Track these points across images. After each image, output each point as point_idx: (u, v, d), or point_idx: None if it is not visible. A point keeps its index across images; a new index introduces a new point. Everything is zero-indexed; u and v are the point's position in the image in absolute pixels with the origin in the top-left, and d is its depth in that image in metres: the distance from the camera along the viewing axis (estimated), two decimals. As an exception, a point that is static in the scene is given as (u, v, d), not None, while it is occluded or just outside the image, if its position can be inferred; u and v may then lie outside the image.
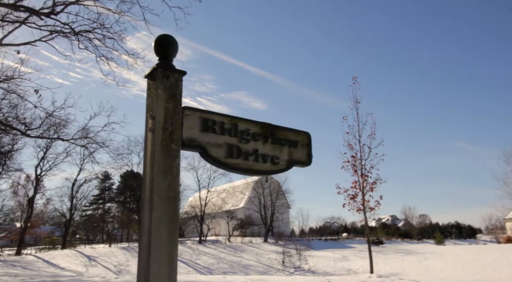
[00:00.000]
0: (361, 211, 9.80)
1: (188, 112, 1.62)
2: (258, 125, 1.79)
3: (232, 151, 1.68)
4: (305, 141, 1.92)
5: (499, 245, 38.50)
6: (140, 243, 1.42)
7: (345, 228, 62.52)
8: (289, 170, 1.83)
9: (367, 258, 30.50)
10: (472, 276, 18.11)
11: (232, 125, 1.72)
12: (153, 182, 1.40)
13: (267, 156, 1.77)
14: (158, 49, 1.65)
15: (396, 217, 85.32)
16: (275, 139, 1.81)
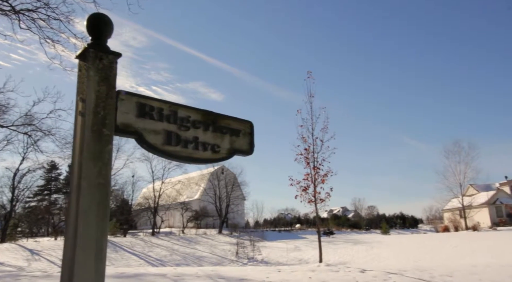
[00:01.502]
0: (312, 202, 10.08)
1: (123, 97, 1.54)
2: (199, 113, 1.76)
3: (170, 138, 1.63)
4: (248, 130, 1.92)
5: (437, 234, 41.43)
6: (66, 232, 1.35)
7: (299, 219, 64.19)
8: (230, 158, 1.82)
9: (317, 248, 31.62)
10: (413, 262, 19.35)
11: (172, 112, 1.67)
12: (81, 168, 1.32)
13: (208, 144, 1.75)
14: (90, 29, 1.55)
15: (347, 209, 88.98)
16: (216, 128, 1.79)
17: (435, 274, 8.64)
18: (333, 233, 46.00)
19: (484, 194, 46.23)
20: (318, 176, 9.94)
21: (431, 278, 8.20)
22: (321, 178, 9.92)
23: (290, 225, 60.27)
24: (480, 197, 46.21)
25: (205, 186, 46.73)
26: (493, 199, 43.75)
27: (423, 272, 8.76)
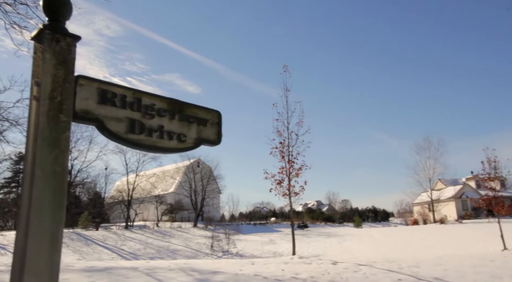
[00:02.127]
0: (286, 195, 10.16)
1: (83, 82, 1.47)
2: (165, 101, 1.70)
3: (134, 126, 1.57)
4: (215, 120, 1.88)
5: (407, 227, 42.80)
6: (19, 221, 1.28)
7: (274, 213, 64.71)
8: (197, 148, 1.78)
9: (291, 241, 32.01)
10: (383, 254, 19.93)
11: (135, 99, 1.61)
12: (35, 155, 1.25)
13: (174, 133, 1.70)
14: (46, 9, 1.46)
15: (321, 202, 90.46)
16: (183, 116, 1.74)
17: (403, 265, 8.92)
18: (307, 226, 46.64)
19: (451, 188, 48.08)
20: (293, 170, 10.02)
21: (400, 269, 8.46)
22: (296, 171, 10.00)
23: (266, 218, 60.65)
24: (448, 191, 48.03)
25: (181, 179, 46.31)
26: (459, 193, 45.57)
27: (392, 263, 9.03)
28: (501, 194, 15.50)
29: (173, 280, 6.11)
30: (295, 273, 7.31)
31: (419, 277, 7.74)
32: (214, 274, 6.78)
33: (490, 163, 15.23)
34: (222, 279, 6.43)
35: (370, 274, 7.67)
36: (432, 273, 8.19)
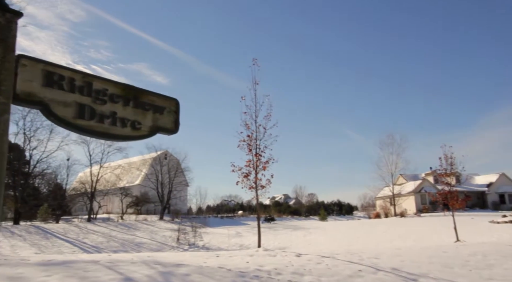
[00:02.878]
0: (253, 188, 10.19)
1: (26, 62, 1.35)
2: (119, 87, 1.60)
3: (83, 111, 1.47)
4: (173, 108, 1.81)
5: (369, 220, 44.31)
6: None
7: (241, 206, 64.98)
8: (153, 136, 1.71)
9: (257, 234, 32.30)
10: (346, 246, 20.54)
11: (85, 83, 1.50)
12: (-30, 138, 1.16)
13: (127, 120, 1.62)
14: (-16, -18, 1.35)
15: (288, 196, 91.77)
16: (138, 103, 1.67)
17: (364, 256, 9.23)
18: (274, 219, 47.22)
19: (412, 183, 50.20)
20: (260, 163, 10.05)
21: (360, 260, 8.74)
22: (263, 164, 10.05)
23: (233, 211, 60.81)
24: (408, 186, 50.12)
25: (147, 171, 45.41)
26: (419, 187, 47.67)
27: (353, 255, 9.32)
28: (456, 189, 16.36)
29: (135, 273, 6.00)
30: (260, 265, 7.38)
31: (378, 267, 8.03)
32: (178, 266, 6.72)
33: (447, 159, 16.03)
34: (186, 271, 6.38)
35: (332, 265, 7.87)
36: (390, 264, 8.53)
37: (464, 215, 34.47)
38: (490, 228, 24.92)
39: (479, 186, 49.70)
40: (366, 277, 7.16)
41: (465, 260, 9.68)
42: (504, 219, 28.10)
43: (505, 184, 48.97)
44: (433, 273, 8.10)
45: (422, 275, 7.83)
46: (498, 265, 9.52)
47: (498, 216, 31.13)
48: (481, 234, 22.09)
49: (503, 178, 49.38)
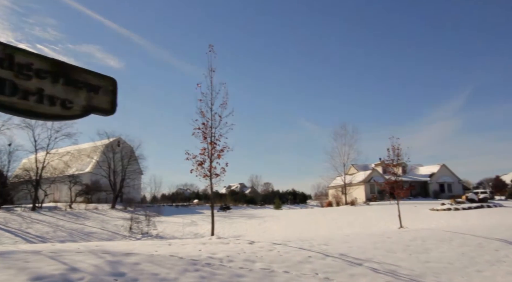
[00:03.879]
0: (207, 177, 10.11)
1: None
2: (47, 62, 1.45)
3: (4, 86, 1.31)
4: (110, 87, 1.69)
5: (322, 208, 45.86)
6: None
7: (197, 195, 64.55)
8: (86, 116, 1.59)
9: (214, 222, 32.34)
10: (299, 234, 21.14)
11: (6, 55, 1.34)
12: None
13: (57, 98, 1.48)
14: None
15: (244, 185, 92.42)
16: (70, 81, 1.52)
17: (314, 243, 9.53)
18: (230, 208, 47.46)
19: (362, 173, 52.50)
20: (215, 151, 9.98)
21: (311, 246, 9.02)
22: (218, 153, 9.99)
23: (189, 200, 60.30)
24: (359, 175, 52.37)
25: (99, 159, 43.57)
26: (368, 177, 49.94)
27: (304, 242, 9.59)
28: (401, 179, 17.30)
29: (81, 263, 5.75)
30: (212, 253, 7.37)
31: (327, 253, 8.34)
32: (127, 255, 6.54)
33: (394, 150, 16.88)
34: (136, 260, 6.22)
35: (284, 252, 8.05)
36: (338, 250, 8.89)
37: (408, 203, 36.69)
38: (430, 215, 26.76)
39: (422, 176, 53.02)
40: (315, 262, 7.41)
41: (406, 245, 10.32)
42: (443, 207, 30.29)
43: (445, 174, 52.67)
44: (377, 258, 8.56)
45: (367, 260, 8.25)
46: (434, 249, 10.25)
47: (438, 204, 33.49)
48: (422, 220, 23.67)
49: (444, 169, 53.06)
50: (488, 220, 21.53)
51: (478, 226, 17.13)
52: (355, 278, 6.65)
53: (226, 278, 5.74)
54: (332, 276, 6.58)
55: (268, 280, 5.94)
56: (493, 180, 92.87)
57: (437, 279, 7.43)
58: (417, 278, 7.28)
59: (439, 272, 7.98)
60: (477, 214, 25.90)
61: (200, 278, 5.57)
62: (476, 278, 7.84)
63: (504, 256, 10.12)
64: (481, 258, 9.65)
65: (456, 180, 53.07)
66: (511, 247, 11.48)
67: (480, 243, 11.62)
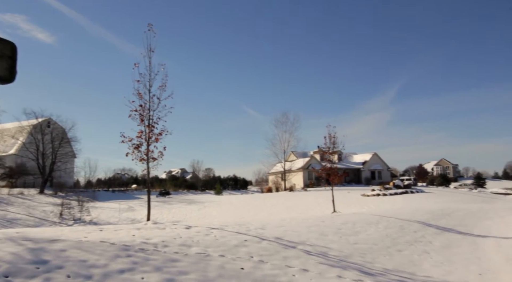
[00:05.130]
0: (144, 160, 9.78)
1: None
2: None
3: None
4: (7, 52, 1.54)
5: (262, 194, 46.84)
6: None
7: (136, 180, 62.50)
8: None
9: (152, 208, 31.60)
10: (238, 219, 21.42)
11: None
12: None
13: None
14: None
15: (186, 170, 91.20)
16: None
17: (251, 227, 9.72)
18: (170, 193, 46.72)
19: (301, 160, 54.37)
20: (153, 135, 9.65)
21: (247, 231, 9.18)
22: (156, 136, 9.67)
23: (126, 185, 58.22)
24: (298, 162, 54.16)
25: (25, 140, 40.11)
26: (307, 164, 51.87)
27: (241, 226, 9.73)
28: (336, 166, 18.18)
29: (-3, 252, 5.29)
30: (147, 238, 7.20)
31: (263, 237, 8.56)
32: (52, 242, 6.14)
33: (331, 138, 17.64)
34: (62, 247, 5.87)
35: (220, 236, 8.11)
36: (274, 234, 9.16)
37: (343, 189, 38.82)
38: (361, 200, 28.59)
39: (356, 164, 56.28)
40: (251, 246, 7.56)
41: (338, 228, 10.94)
42: (373, 193, 32.52)
43: (376, 162, 56.43)
44: (310, 241, 8.97)
45: (301, 243, 8.61)
46: (363, 231, 11.00)
47: (369, 190, 35.88)
48: (354, 205, 25.22)
49: (375, 157, 56.79)
50: (411, 205, 23.55)
51: (402, 210, 18.67)
52: (288, 260, 6.90)
53: (160, 263, 5.65)
54: (266, 259, 6.77)
55: (203, 264, 5.95)
56: (417, 168, 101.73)
57: (363, 258, 7.98)
58: (345, 259, 7.76)
59: (365, 252, 8.58)
60: (402, 199, 28.19)
61: (132, 264, 5.42)
62: (397, 257, 8.56)
63: (421, 237, 11.17)
64: (402, 239, 10.54)
65: (386, 167, 57.10)
66: (427, 229, 12.69)
67: (402, 225, 12.68)
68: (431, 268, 7.80)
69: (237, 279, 5.51)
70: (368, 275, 6.66)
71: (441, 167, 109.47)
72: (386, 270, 7.30)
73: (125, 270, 5.12)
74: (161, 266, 5.51)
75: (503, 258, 9.00)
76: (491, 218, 17.31)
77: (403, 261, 8.27)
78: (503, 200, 32.43)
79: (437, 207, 20.73)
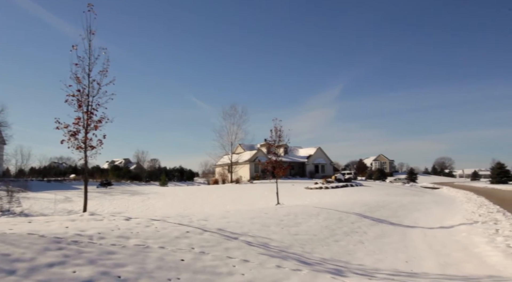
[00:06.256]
0: (81, 149, 9.22)
1: None
2: None
3: None
4: None
5: (208, 186, 46.61)
6: None
7: (75, 169, 59.11)
8: None
9: (92, 199, 30.16)
10: (183, 210, 21.13)
11: None
12: None
13: None
14: None
15: (130, 161, 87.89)
16: None
17: (194, 219, 9.62)
18: (111, 184, 44.89)
19: (248, 153, 54.83)
20: (91, 122, 9.11)
21: (190, 222, 9.08)
22: (95, 124, 9.14)
23: (64, 175, 54.94)
24: (245, 155, 54.56)
25: None
26: (253, 157, 52.43)
27: (184, 218, 9.60)
28: (281, 159, 18.56)
29: None
30: (81, 230, 6.83)
31: (205, 228, 8.51)
32: (-30, 236, 5.61)
33: (277, 131, 17.96)
34: (-19, 241, 5.38)
35: (161, 228, 7.93)
36: (217, 225, 9.15)
37: (288, 182, 39.78)
38: (305, 193, 29.53)
39: (301, 158, 57.96)
40: (192, 237, 7.49)
41: (280, 220, 11.20)
42: (316, 186, 33.73)
43: (320, 157, 58.55)
44: (252, 232, 9.09)
45: (243, 234, 8.69)
46: (304, 223, 11.37)
47: (312, 183, 37.15)
48: (298, 198, 25.99)
49: (319, 151, 58.89)
50: (350, 197, 24.78)
51: (342, 202, 19.59)
52: (230, 252, 6.94)
53: (94, 255, 5.40)
54: (207, 250, 6.75)
55: (141, 256, 5.79)
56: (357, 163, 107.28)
57: (302, 249, 8.26)
58: (286, 249, 7.98)
59: (305, 243, 8.89)
60: (342, 192, 29.56)
61: (64, 257, 5.12)
62: (334, 247, 8.97)
63: (358, 228, 11.81)
64: (340, 230, 11.07)
65: (329, 162, 59.46)
66: (364, 220, 13.45)
67: (341, 217, 13.31)
68: (364, 257, 8.28)
69: (177, 270, 5.43)
70: (306, 264, 6.91)
71: (379, 162, 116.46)
72: (323, 259, 7.61)
73: (55, 264, 4.82)
74: (95, 258, 5.27)
75: (427, 246, 9.80)
76: (419, 210, 18.78)
77: (340, 250, 8.68)
78: (431, 193, 35.35)
79: (373, 200, 22.03)
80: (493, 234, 10.58)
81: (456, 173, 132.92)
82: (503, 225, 12.10)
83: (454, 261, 8.14)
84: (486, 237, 10.33)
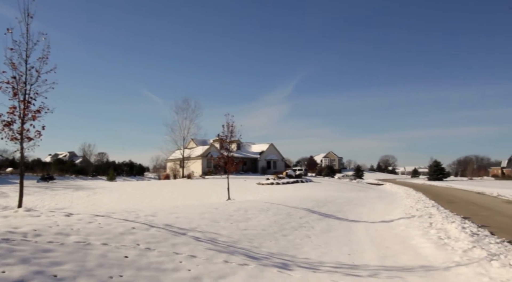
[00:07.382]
0: (17, 140, 8.55)
1: None
2: None
3: None
4: None
5: (159, 181, 45.54)
6: None
7: (12, 162, 54.95)
8: None
9: (31, 194, 28.24)
10: (131, 206, 20.42)
11: None
12: None
13: None
14: None
15: (75, 154, 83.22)
16: None
17: (140, 214, 9.34)
18: (54, 178, 42.40)
19: (201, 148, 54.29)
20: (29, 111, 8.48)
21: (136, 218, 8.80)
22: (32, 114, 8.52)
23: (0, 168, 50.92)
24: (198, 150, 53.96)
25: None
26: (206, 152, 52.03)
27: (130, 213, 9.29)
28: (233, 154, 18.57)
29: None
30: (14, 227, 6.36)
31: (152, 224, 8.30)
32: None
33: (229, 127, 17.94)
34: None
35: (105, 224, 7.61)
36: (165, 221, 8.96)
37: (240, 177, 39.94)
38: (256, 189, 29.82)
39: (254, 153, 58.44)
40: (138, 233, 7.26)
41: (230, 215, 11.21)
42: (267, 181, 34.20)
43: (272, 153, 59.44)
44: (201, 227, 9.01)
45: (192, 229, 8.59)
46: (253, 218, 11.47)
47: (264, 178, 37.63)
48: (250, 193, 26.19)
49: (271, 148, 59.75)
50: (300, 193, 25.42)
51: (291, 198, 20.03)
52: (177, 247, 6.83)
53: (28, 254, 5.05)
54: (154, 246, 6.59)
55: (81, 253, 5.52)
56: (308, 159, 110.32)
57: (250, 244, 8.33)
58: (234, 244, 8.00)
59: (253, 237, 8.98)
60: (293, 188, 30.25)
61: (-8, 257, 4.73)
62: (282, 241, 9.15)
63: (305, 223, 12.14)
64: (288, 225, 11.31)
65: (281, 158, 60.52)
66: (312, 215, 13.86)
67: (290, 212, 13.61)
68: (310, 251, 8.53)
69: (119, 267, 5.24)
70: (254, 259, 6.98)
71: (328, 159, 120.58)
72: (270, 253, 7.74)
73: (-20, 264, 4.44)
74: (29, 257, 4.93)
75: (368, 240, 10.32)
76: (364, 205, 19.72)
77: (287, 245, 8.87)
78: (376, 189, 37.28)
79: (322, 195, 22.78)
80: (427, 227, 11.38)
81: (398, 170, 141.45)
82: (436, 218, 13.04)
83: (392, 253, 8.65)
84: (421, 230, 11.08)
